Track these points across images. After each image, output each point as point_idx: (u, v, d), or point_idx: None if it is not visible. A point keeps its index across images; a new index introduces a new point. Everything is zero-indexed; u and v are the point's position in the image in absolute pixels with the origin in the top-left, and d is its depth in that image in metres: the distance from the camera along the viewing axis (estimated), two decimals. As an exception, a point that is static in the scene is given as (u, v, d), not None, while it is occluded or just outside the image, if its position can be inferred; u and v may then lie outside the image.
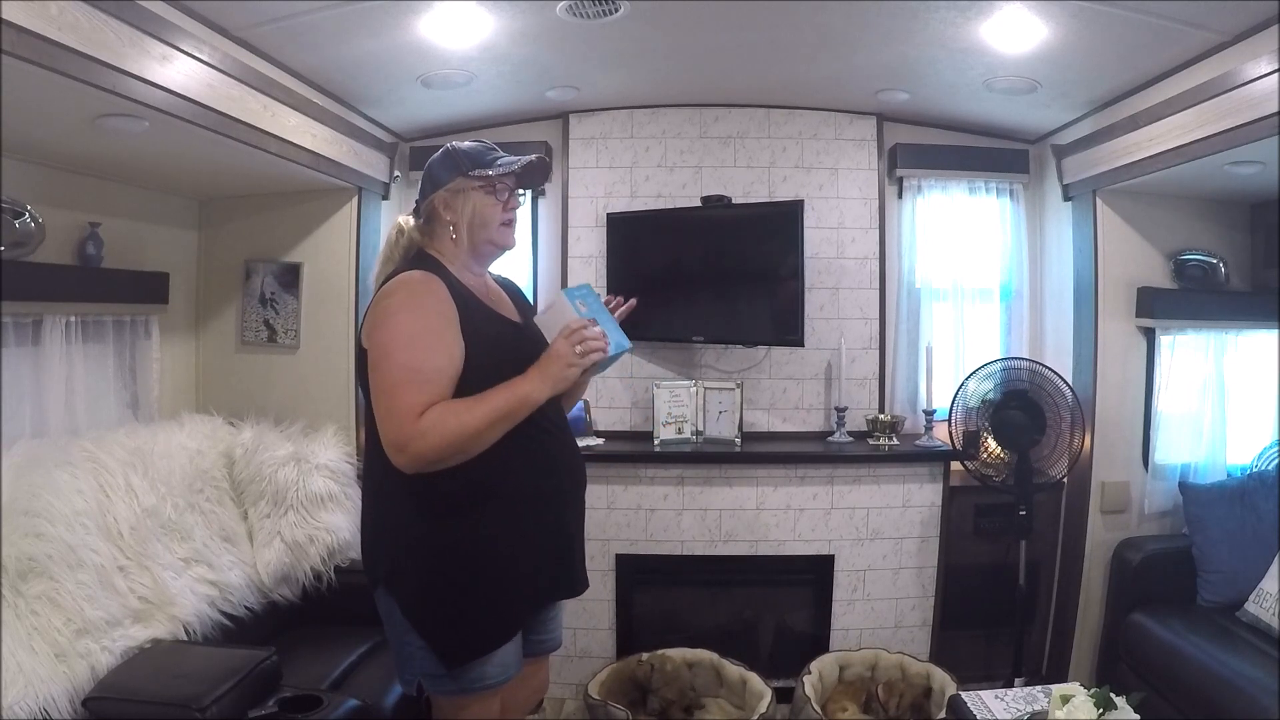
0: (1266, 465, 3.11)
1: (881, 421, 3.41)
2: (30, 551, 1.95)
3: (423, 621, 1.68)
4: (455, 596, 1.66)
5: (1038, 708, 2.16)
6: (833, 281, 3.57)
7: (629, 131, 3.58)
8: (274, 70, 2.61)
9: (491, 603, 1.68)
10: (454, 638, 1.67)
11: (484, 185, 1.77)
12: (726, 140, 3.58)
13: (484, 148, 1.81)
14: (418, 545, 1.68)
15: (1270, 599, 2.66)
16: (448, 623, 1.67)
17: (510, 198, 1.81)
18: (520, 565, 1.72)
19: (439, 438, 1.56)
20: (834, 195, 3.58)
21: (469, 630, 1.67)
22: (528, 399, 1.64)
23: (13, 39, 1.55)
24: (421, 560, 1.68)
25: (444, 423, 1.56)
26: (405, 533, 1.69)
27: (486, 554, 1.67)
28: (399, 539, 1.70)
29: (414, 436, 1.55)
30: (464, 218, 1.78)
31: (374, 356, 1.63)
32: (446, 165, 1.79)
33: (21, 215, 2.39)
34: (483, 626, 1.68)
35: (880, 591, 3.34)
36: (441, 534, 1.67)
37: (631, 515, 3.33)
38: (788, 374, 3.59)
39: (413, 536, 1.68)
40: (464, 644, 1.68)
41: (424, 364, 1.60)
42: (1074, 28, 2.49)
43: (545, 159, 1.83)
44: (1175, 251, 3.22)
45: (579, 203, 3.59)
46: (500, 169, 1.76)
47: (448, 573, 1.66)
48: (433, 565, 1.67)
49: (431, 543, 1.67)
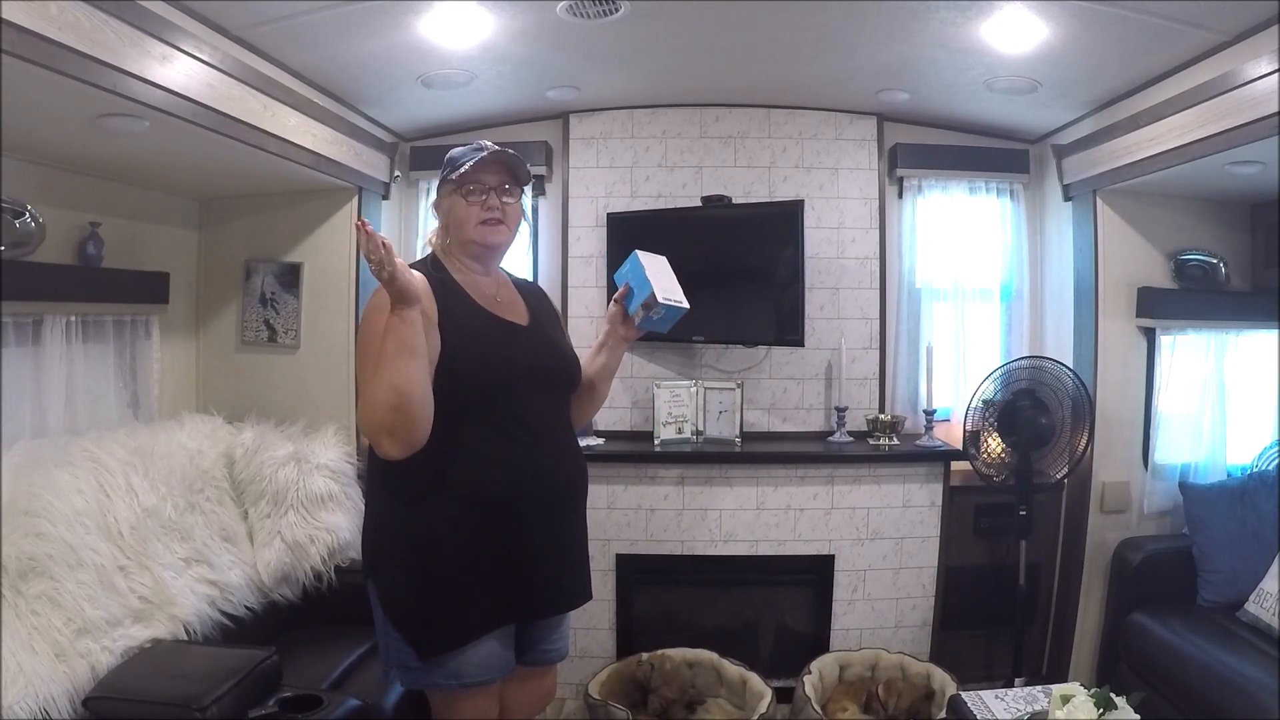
0: (1266, 465, 3.10)
1: (882, 421, 3.41)
2: (31, 551, 1.95)
3: (395, 612, 1.74)
4: (425, 590, 1.71)
5: (1038, 708, 2.16)
6: (833, 281, 3.57)
7: (629, 131, 3.58)
8: (274, 70, 2.61)
9: (459, 600, 1.71)
10: (424, 630, 1.72)
11: (457, 187, 1.79)
12: (727, 140, 3.58)
13: (469, 148, 1.82)
14: (391, 537, 1.75)
15: (1270, 599, 2.66)
16: (418, 615, 1.72)
17: (489, 196, 1.79)
18: (488, 568, 1.72)
19: (366, 390, 1.62)
20: (834, 195, 3.58)
21: (439, 624, 1.71)
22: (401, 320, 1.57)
23: (13, 39, 1.55)
24: (394, 552, 1.74)
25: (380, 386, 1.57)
26: (382, 525, 1.78)
27: (452, 552, 1.70)
28: (378, 531, 1.79)
29: (363, 415, 1.67)
30: (446, 219, 1.83)
31: (355, 354, 1.75)
32: (441, 169, 1.85)
33: (22, 215, 2.39)
34: (453, 621, 1.71)
35: (880, 591, 3.34)
36: (413, 528, 1.71)
37: (632, 515, 3.33)
38: (788, 374, 3.59)
39: (387, 528, 1.76)
40: (434, 637, 1.72)
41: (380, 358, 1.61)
42: (1074, 28, 2.49)
43: (505, 151, 1.81)
44: (1175, 251, 3.22)
45: (579, 202, 3.59)
46: (462, 168, 1.78)
47: (417, 566, 1.71)
48: (403, 557, 1.73)
49: (403, 535, 1.73)
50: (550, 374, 1.85)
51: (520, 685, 1.90)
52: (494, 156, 1.79)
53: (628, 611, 3.38)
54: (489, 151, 1.79)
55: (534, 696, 2.00)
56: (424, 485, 1.69)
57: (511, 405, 1.74)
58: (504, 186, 1.82)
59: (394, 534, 1.75)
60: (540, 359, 1.83)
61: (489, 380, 1.71)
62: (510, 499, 1.73)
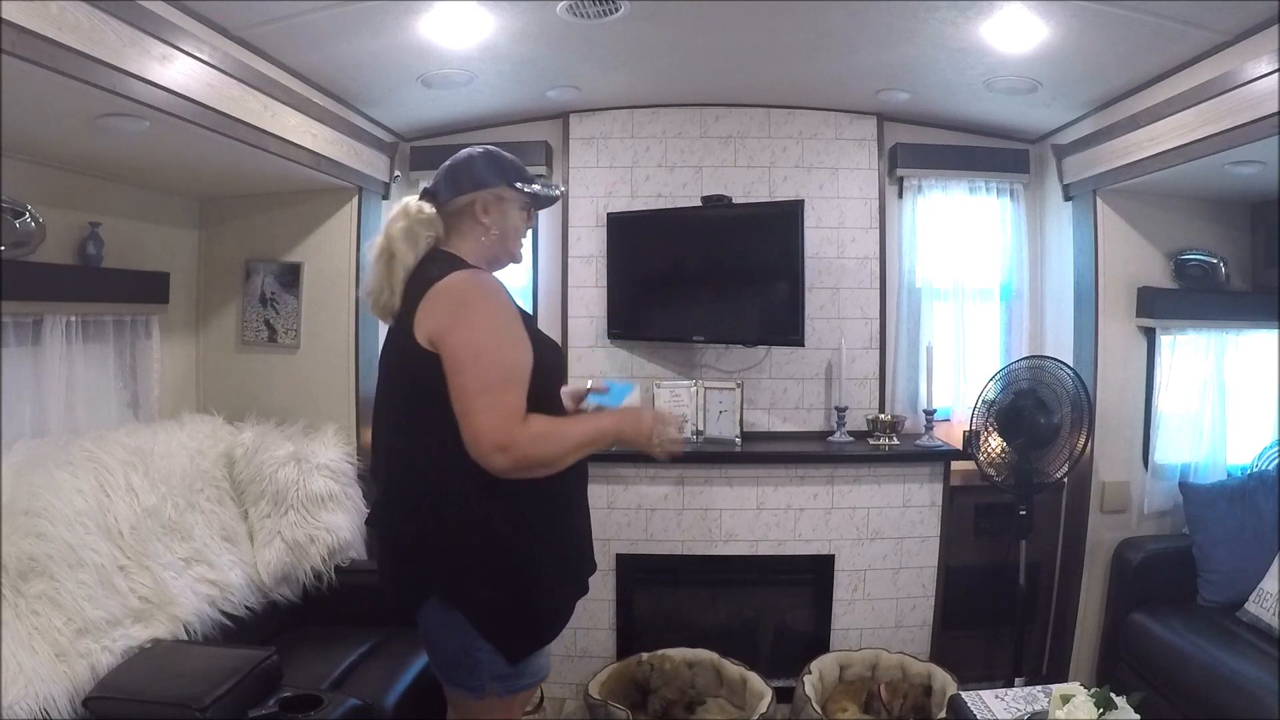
0: (1266, 465, 3.11)
1: (882, 421, 3.41)
2: (31, 551, 1.95)
3: (490, 624, 1.63)
4: (521, 593, 1.65)
5: (1038, 708, 2.17)
6: (833, 281, 3.57)
7: (629, 131, 3.58)
8: (274, 70, 2.61)
9: (548, 593, 1.70)
10: (519, 634, 1.67)
11: (528, 201, 1.81)
12: (727, 140, 3.58)
13: (521, 163, 1.84)
14: (474, 552, 1.63)
15: (1271, 599, 2.66)
16: (514, 622, 1.65)
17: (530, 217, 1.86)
18: (570, 551, 1.76)
19: (545, 445, 1.58)
20: (834, 195, 3.58)
21: (532, 623, 1.69)
22: (605, 436, 1.68)
23: (13, 39, 1.54)
24: (484, 563, 1.63)
25: (553, 434, 1.60)
26: (471, 539, 1.63)
27: (540, 554, 1.67)
28: (463, 546, 1.63)
29: (521, 440, 1.53)
30: (502, 226, 1.78)
31: (461, 356, 1.55)
32: (492, 169, 1.76)
33: (22, 215, 2.39)
34: (544, 617, 1.71)
35: (880, 591, 3.34)
36: (495, 535, 1.63)
37: (632, 515, 3.33)
38: (788, 374, 3.59)
39: (472, 542, 1.63)
40: (527, 638, 1.69)
41: (517, 363, 1.60)
42: (1074, 28, 2.49)
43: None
44: (1175, 251, 3.22)
45: (579, 202, 3.59)
46: (545, 190, 1.83)
47: (510, 574, 1.64)
48: (494, 570, 1.63)
49: (489, 548, 1.63)
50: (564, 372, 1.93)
51: None
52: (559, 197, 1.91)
53: (628, 611, 3.38)
54: (560, 191, 1.91)
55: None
56: (508, 490, 1.60)
57: (551, 401, 1.74)
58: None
59: (480, 545, 1.63)
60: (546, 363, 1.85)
61: (544, 381, 1.68)
62: (573, 492, 1.76)
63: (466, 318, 1.59)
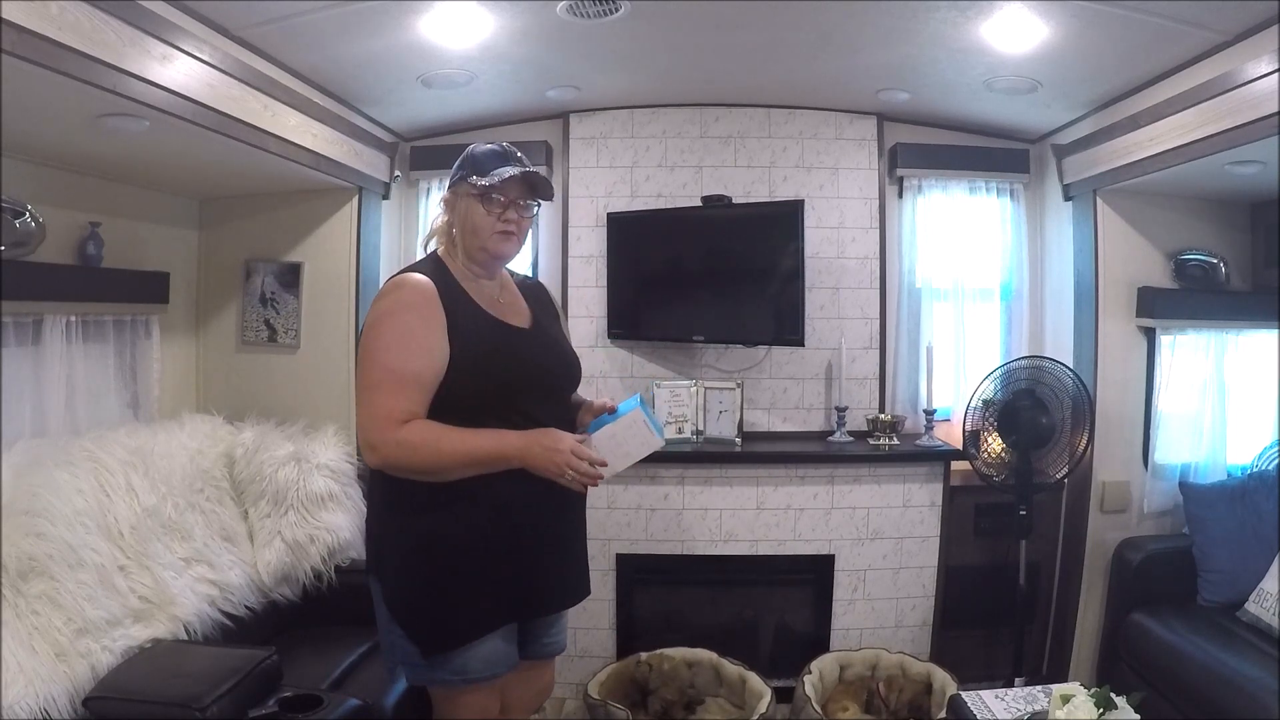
0: (1266, 465, 3.11)
1: (882, 421, 3.41)
2: (31, 551, 1.95)
3: (400, 610, 1.75)
4: (429, 589, 1.72)
5: (1038, 708, 2.16)
6: (833, 281, 3.57)
7: (629, 131, 3.58)
8: (274, 70, 2.61)
9: (463, 598, 1.72)
10: (429, 628, 1.73)
11: (479, 193, 1.76)
12: (727, 140, 3.58)
13: (494, 153, 1.80)
14: (396, 536, 1.76)
15: (1271, 599, 2.66)
16: (423, 613, 1.73)
17: (509, 209, 1.78)
18: (491, 566, 1.73)
19: (412, 453, 1.63)
20: (834, 195, 3.58)
21: (443, 622, 1.72)
22: (503, 458, 1.67)
23: (13, 39, 1.54)
24: (399, 551, 1.75)
25: (425, 442, 1.63)
26: (387, 524, 1.78)
27: (456, 551, 1.71)
28: (382, 529, 1.80)
29: (387, 442, 1.63)
30: (459, 222, 1.81)
31: (360, 356, 1.71)
32: (459, 165, 1.81)
33: (22, 215, 2.39)
34: (457, 619, 1.72)
35: (880, 591, 3.34)
36: (417, 527, 1.72)
37: (632, 515, 3.33)
38: (788, 374, 3.59)
39: (392, 528, 1.77)
40: (438, 635, 1.73)
41: (403, 367, 1.65)
42: (1074, 28, 2.49)
43: (538, 173, 1.82)
44: (1175, 251, 3.22)
45: (579, 202, 3.59)
46: (492, 179, 1.75)
47: (421, 565, 1.72)
48: (407, 557, 1.74)
49: (408, 534, 1.73)
50: (551, 376, 1.86)
51: (520, 679, 1.90)
52: (524, 176, 1.78)
53: (628, 611, 3.38)
54: (520, 171, 1.77)
55: (533, 690, 2.02)
56: (429, 486, 1.69)
57: (515, 408, 1.74)
58: (523, 201, 1.81)
59: (398, 533, 1.75)
60: (542, 361, 1.84)
61: (493, 385, 1.72)
62: (513, 498, 1.73)
63: (370, 320, 1.72)
